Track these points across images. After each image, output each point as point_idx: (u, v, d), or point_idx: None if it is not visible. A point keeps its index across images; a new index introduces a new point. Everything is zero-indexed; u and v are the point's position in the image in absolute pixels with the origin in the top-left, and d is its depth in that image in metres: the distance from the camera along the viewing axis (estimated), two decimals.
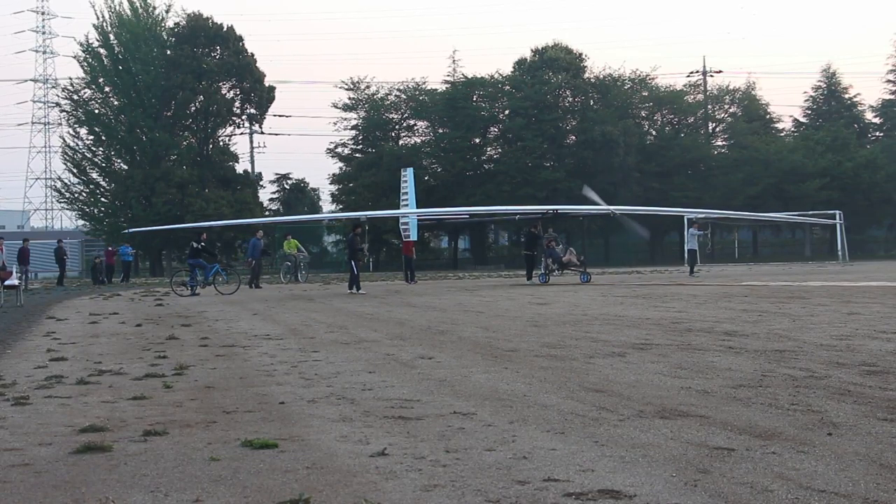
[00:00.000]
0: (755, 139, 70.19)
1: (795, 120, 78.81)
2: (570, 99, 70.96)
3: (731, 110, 76.53)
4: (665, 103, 72.41)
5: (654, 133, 73.08)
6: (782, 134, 77.80)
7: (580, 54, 71.11)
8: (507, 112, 69.88)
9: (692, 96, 75.10)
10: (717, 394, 7.95)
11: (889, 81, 75.88)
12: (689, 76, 75.48)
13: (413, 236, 39.62)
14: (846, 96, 77.29)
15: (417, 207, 42.15)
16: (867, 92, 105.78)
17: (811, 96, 77.79)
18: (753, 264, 55.44)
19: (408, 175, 41.44)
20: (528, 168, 65.20)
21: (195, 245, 31.12)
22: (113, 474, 5.71)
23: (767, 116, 77.61)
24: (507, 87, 70.10)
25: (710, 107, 75.90)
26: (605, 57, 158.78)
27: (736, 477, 5.23)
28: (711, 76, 75.05)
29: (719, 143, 76.15)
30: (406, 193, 41.16)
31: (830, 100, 77.00)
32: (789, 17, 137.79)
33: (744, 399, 7.64)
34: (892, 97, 76.10)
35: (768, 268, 34.94)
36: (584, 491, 5.06)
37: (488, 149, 71.21)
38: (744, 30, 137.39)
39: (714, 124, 76.53)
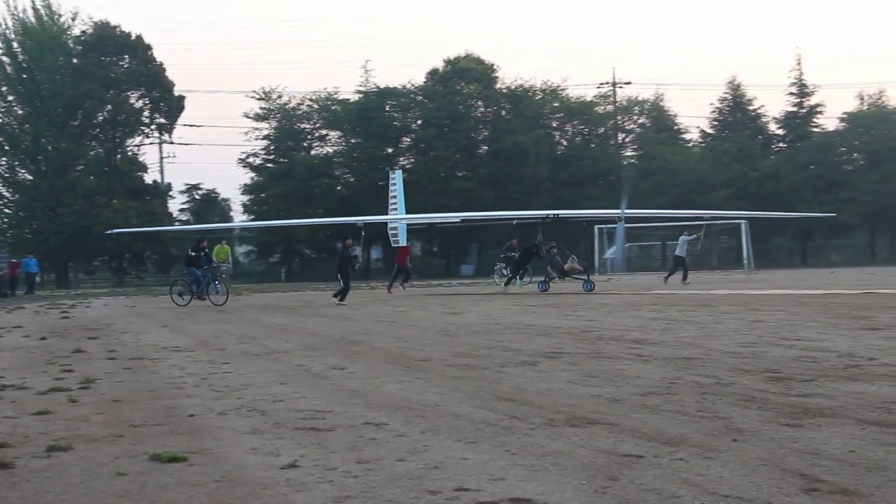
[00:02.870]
0: (664, 149, 71.24)
1: (702, 131, 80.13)
2: (483, 109, 71.42)
3: (640, 121, 77.67)
4: (576, 114, 73.24)
5: (565, 143, 73.82)
6: (690, 144, 79.00)
7: (492, 65, 71.72)
8: (419, 122, 70.09)
9: (602, 107, 76.10)
10: (626, 401, 8.04)
11: (791, 94, 77.57)
12: (599, 87, 76.46)
13: (403, 241, 37.88)
14: (751, 108, 78.79)
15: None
16: (771, 104, 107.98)
17: (717, 108, 79.15)
18: (662, 273, 56.11)
19: (396, 178, 39.52)
20: (440, 178, 65.42)
21: (192, 253, 29.87)
22: (14, 491, 5.59)
23: (675, 127, 78.81)
24: (420, 98, 70.29)
25: (619, 117, 76.94)
26: (517, 68, 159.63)
27: (644, 483, 5.29)
28: (621, 87, 76.14)
29: (629, 153, 77.16)
30: (395, 197, 39.21)
31: (736, 111, 78.40)
32: (696, 29, 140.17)
33: (652, 406, 7.74)
34: (794, 109, 77.74)
35: (676, 276, 35.37)
36: (496, 500, 5.08)
37: (401, 159, 71.26)
38: (652, 42, 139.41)
39: (624, 135, 77.56)
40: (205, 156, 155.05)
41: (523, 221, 36.33)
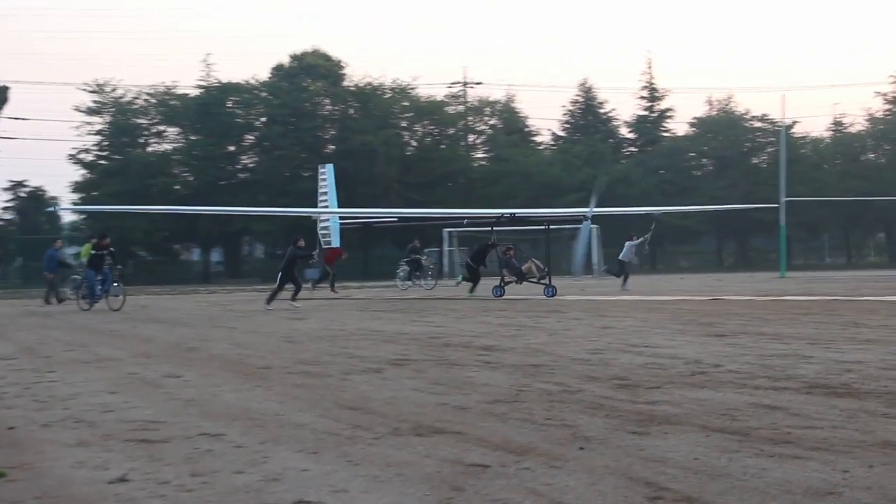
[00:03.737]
0: (515, 152, 72.08)
1: (554, 133, 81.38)
2: (330, 107, 71.06)
3: (491, 122, 78.37)
4: (426, 114, 73.35)
5: (414, 143, 73.98)
6: (541, 147, 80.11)
7: (339, 62, 71.40)
8: (263, 119, 69.38)
9: (453, 107, 76.46)
10: (473, 409, 8.10)
11: (643, 98, 79.48)
12: (450, 87, 76.76)
13: (336, 242, 35.70)
14: (602, 111, 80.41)
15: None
16: (622, 107, 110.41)
17: (569, 110, 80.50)
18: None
19: (326, 172, 37.85)
20: (285, 178, 64.92)
21: (95, 252, 27.41)
22: None
23: (526, 129, 79.81)
24: (265, 94, 69.56)
25: (470, 118, 77.45)
26: (366, 66, 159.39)
27: (490, 493, 5.33)
28: (472, 88, 76.58)
29: (480, 154, 77.80)
30: (325, 192, 37.38)
31: (587, 114, 79.90)
32: (548, 30, 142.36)
33: (500, 414, 7.81)
34: (645, 113, 79.69)
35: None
36: None
37: (243, 157, 70.46)
38: (504, 42, 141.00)
39: (474, 136, 78.13)
40: (31, 151, 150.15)
41: (475, 221, 35.10)
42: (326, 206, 35.90)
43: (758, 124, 77.55)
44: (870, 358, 11.05)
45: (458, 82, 76.27)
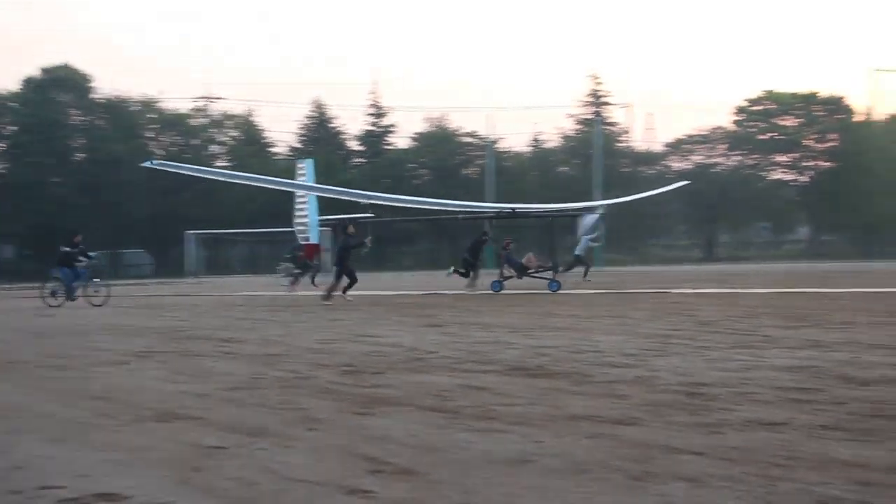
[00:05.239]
0: (254, 161, 71.48)
1: (290, 145, 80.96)
2: (80, 118, 68.35)
3: (232, 134, 77.40)
4: (171, 125, 71.85)
5: (161, 153, 72.21)
6: (278, 157, 79.56)
7: (87, 76, 68.79)
8: (13, 128, 65.96)
9: (197, 120, 75.17)
10: (212, 396, 7.94)
11: (369, 114, 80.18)
12: (194, 101, 75.45)
13: (314, 239, 32.09)
14: (333, 125, 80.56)
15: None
16: (351, 122, 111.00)
17: (304, 124, 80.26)
18: (252, 276, 56.29)
19: (305, 168, 33.58)
20: (35, 184, 61.93)
21: (65, 249, 24.62)
22: None
23: (265, 141, 79.19)
24: (14, 104, 66.13)
25: (213, 130, 76.30)
26: (115, 80, 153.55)
27: (226, 473, 5.23)
28: (214, 102, 75.56)
29: (221, 163, 76.62)
30: (304, 194, 32.97)
31: (320, 128, 79.87)
32: (283, 50, 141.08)
33: (237, 400, 7.69)
34: (371, 128, 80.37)
35: (265, 279, 35.46)
36: (80, 495, 4.84)
37: None
38: (246, 59, 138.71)
39: (217, 147, 77.02)
40: None
41: (471, 216, 31.78)
42: (304, 204, 32.14)
43: (468, 140, 79.67)
44: (561, 343, 11.52)
45: (203, 97, 75.07)
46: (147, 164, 23.90)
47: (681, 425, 6.13)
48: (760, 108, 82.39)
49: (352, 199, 29.14)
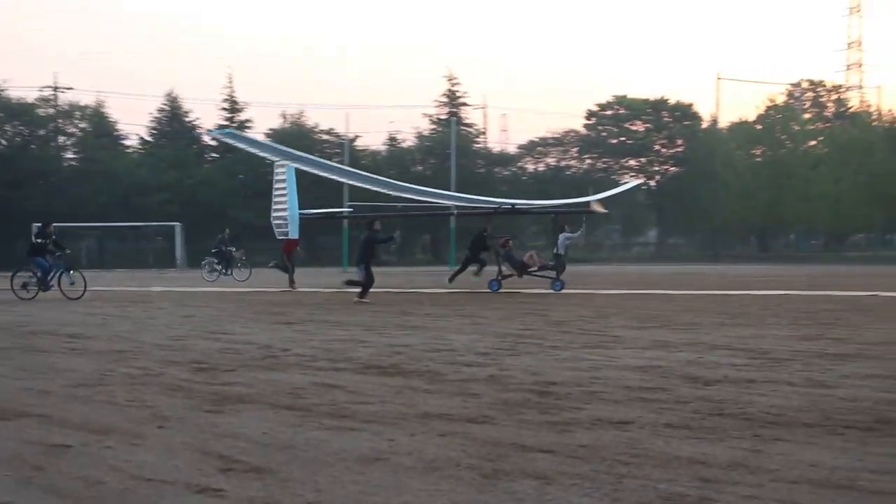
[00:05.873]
0: (104, 153, 69.60)
1: (142, 138, 79.00)
2: None
3: (81, 125, 75.08)
4: (16, 115, 69.30)
5: (4, 143, 69.57)
6: (130, 150, 77.61)
7: None
8: None
9: (43, 110, 72.65)
10: (57, 393, 7.70)
11: (224, 109, 78.87)
12: (41, 90, 72.78)
13: (294, 234, 29.14)
14: (188, 119, 78.96)
15: None
16: (206, 116, 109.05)
17: (156, 117, 78.46)
18: (103, 270, 54.76)
19: (287, 171, 30.40)
20: None
21: (38, 240, 22.82)
22: None
23: (116, 133, 77.07)
24: None
25: (60, 121, 73.88)
26: None
27: (71, 471, 5.08)
28: (63, 92, 73.12)
29: (70, 155, 74.39)
30: (282, 190, 30.24)
31: (174, 121, 78.20)
32: (138, 43, 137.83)
33: (83, 397, 7.48)
34: (226, 123, 79.08)
35: (114, 275, 34.59)
36: None
37: None
38: (97, 49, 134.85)
39: (64, 137, 74.60)
40: None
41: (466, 212, 29.93)
42: (283, 203, 29.46)
43: (326, 137, 79.22)
44: (415, 342, 11.59)
45: (49, 86, 72.49)
46: (211, 133, 22.40)
47: (532, 424, 6.23)
48: (611, 112, 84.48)
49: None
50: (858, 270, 41.85)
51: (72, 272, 23.06)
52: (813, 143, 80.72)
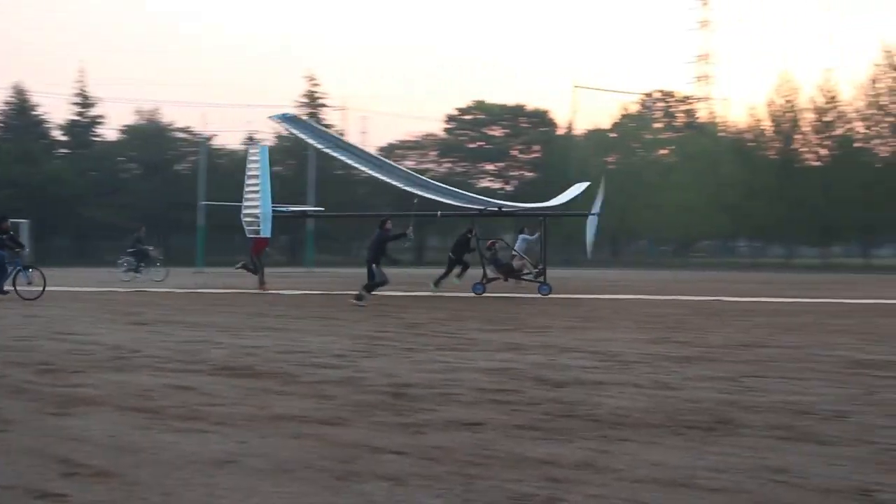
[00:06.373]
0: None
1: None
2: None
3: None
4: None
5: None
6: None
7: None
8: None
9: None
10: None
11: (75, 104, 76.55)
12: None
13: (267, 232, 27.24)
14: (35, 113, 76.31)
15: None
16: (56, 111, 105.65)
17: (2, 110, 75.59)
18: None
19: (260, 154, 28.27)
20: None
21: None
22: None
23: None
24: None
25: None
26: None
27: None
28: None
29: None
30: (255, 177, 27.65)
31: (20, 115, 75.49)
32: None
33: None
34: (77, 118, 76.80)
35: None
36: None
37: None
38: None
39: None
40: None
41: (449, 214, 28.31)
42: (256, 192, 27.44)
43: (182, 135, 77.76)
44: (269, 343, 11.49)
45: None
46: (274, 118, 20.88)
47: (385, 425, 6.25)
48: (470, 117, 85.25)
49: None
50: (704, 276, 43.28)
51: (30, 271, 21.72)
52: (664, 151, 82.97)
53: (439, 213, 28.22)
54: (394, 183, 27.36)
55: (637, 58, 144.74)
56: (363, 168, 27.75)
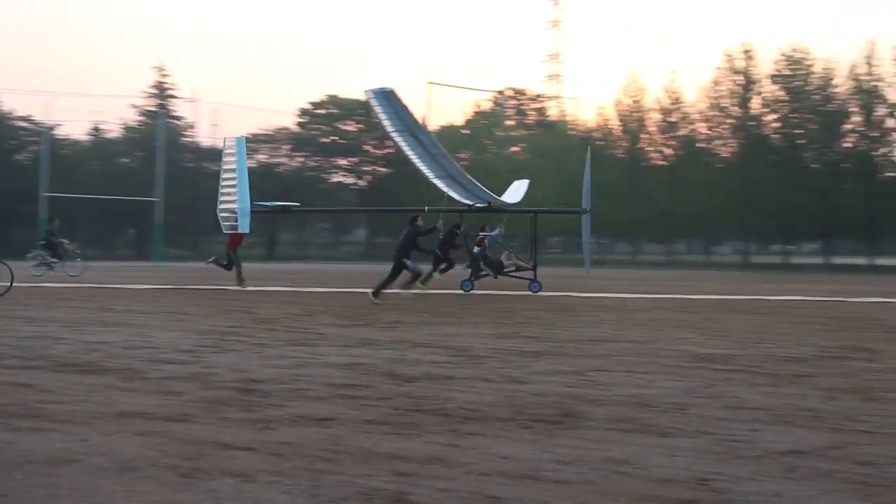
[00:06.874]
0: None
1: None
2: None
3: None
4: None
5: None
6: None
7: None
8: None
9: None
10: None
11: None
12: None
13: (245, 228, 24.99)
14: None
15: None
16: None
17: None
18: None
19: (237, 146, 25.66)
20: None
21: None
22: None
23: None
24: None
25: None
26: None
27: None
28: None
29: None
30: (233, 171, 25.29)
31: None
32: None
33: None
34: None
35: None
36: None
37: None
38: None
39: None
40: None
41: (436, 209, 26.15)
42: (233, 186, 25.12)
43: (22, 124, 75.09)
44: (114, 339, 11.21)
45: None
46: (368, 92, 19.36)
47: (233, 422, 6.18)
48: (324, 111, 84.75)
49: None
50: (554, 272, 44.06)
51: None
52: (515, 148, 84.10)
53: (426, 208, 26.53)
54: (452, 194, 26.92)
55: (491, 55, 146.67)
56: (423, 167, 26.57)
